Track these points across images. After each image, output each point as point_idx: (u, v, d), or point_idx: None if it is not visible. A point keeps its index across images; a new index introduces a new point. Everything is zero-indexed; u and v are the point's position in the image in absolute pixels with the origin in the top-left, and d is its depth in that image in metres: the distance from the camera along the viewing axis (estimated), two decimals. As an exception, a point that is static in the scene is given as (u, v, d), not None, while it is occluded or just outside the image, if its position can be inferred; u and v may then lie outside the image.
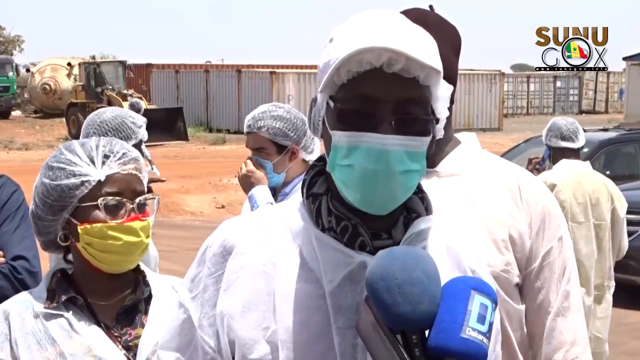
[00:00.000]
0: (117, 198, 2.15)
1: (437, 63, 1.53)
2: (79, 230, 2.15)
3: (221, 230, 1.66)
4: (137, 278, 2.25)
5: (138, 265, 2.26)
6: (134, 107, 15.83)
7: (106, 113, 3.85)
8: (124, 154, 2.20)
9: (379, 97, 1.51)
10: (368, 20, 1.56)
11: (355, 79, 1.52)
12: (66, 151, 2.20)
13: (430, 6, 2.35)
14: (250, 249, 1.60)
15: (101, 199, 2.14)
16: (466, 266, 1.67)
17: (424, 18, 2.26)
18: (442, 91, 1.58)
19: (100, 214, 2.14)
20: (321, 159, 1.66)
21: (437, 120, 1.57)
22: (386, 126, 1.50)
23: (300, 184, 1.70)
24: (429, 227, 1.61)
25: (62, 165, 2.16)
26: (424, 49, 1.52)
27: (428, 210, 1.64)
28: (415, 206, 1.62)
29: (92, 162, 2.16)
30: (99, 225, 2.13)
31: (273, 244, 1.60)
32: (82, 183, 2.14)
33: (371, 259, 1.51)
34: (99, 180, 2.14)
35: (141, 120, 3.90)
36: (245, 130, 3.79)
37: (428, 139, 1.54)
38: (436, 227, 1.66)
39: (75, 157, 2.17)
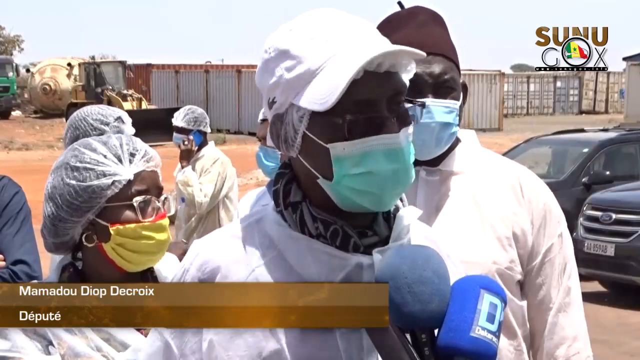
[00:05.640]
0: (147, 197, 2.14)
1: (415, 49, 1.53)
2: (111, 231, 2.12)
3: (197, 252, 1.59)
4: (145, 275, 2.23)
5: None
6: None
7: (79, 112, 3.55)
8: (146, 151, 2.18)
9: (376, 99, 1.50)
10: (339, 24, 1.54)
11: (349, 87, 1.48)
12: (88, 150, 2.16)
13: (399, 3, 2.38)
14: (232, 269, 1.55)
15: (135, 198, 2.12)
16: (443, 253, 1.64)
17: (436, 16, 2.30)
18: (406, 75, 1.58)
19: (131, 214, 2.12)
20: (287, 166, 1.61)
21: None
22: (390, 125, 1.50)
23: None
24: (413, 218, 1.60)
25: (89, 166, 2.12)
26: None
27: (403, 202, 1.63)
28: None
29: (120, 160, 2.14)
30: (132, 225, 2.12)
31: (251, 257, 1.56)
32: (113, 183, 2.11)
33: (367, 259, 1.52)
34: (129, 179, 2.13)
35: (111, 117, 3.50)
36: (259, 118, 3.91)
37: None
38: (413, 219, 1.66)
39: (101, 156, 2.14)
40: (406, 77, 1.56)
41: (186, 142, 6.52)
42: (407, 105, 1.54)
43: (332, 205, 1.54)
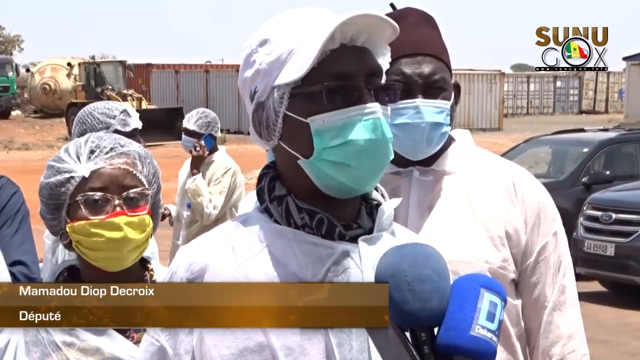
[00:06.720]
0: (99, 194, 2.10)
1: (387, 17, 1.56)
2: (67, 229, 2.13)
3: (183, 255, 1.61)
4: (143, 276, 2.21)
5: (147, 262, 2.23)
6: None
7: (85, 107, 3.77)
8: (112, 148, 2.14)
9: (353, 72, 1.54)
10: (317, 13, 1.59)
11: (324, 60, 1.52)
12: (62, 149, 2.19)
13: (391, 4, 2.40)
14: (220, 267, 1.57)
15: (80, 195, 2.10)
16: None
17: (427, 17, 2.32)
18: (384, 64, 1.62)
19: (82, 211, 2.10)
20: (269, 167, 1.65)
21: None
22: (368, 97, 1.53)
23: None
24: (392, 211, 1.62)
25: (53, 163, 2.16)
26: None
27: (385, 197, 1.65)
28: (372, 194, 1.64)
29: (78, 158, 2.14)
30: (82, 222, 2.10)
31: (238, 254, 1.57)
32: (68, 180, 2.11)
33: (352, 247, 1.54)
34: (84, 177, 2.11)
35: (116, 110, 3.71)
36: None
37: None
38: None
39: (65, 154, 2.16)
40: (382, 62, 1.60)
41: (198, 149, 6.33)
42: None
43: (316, 196, 1.57)
